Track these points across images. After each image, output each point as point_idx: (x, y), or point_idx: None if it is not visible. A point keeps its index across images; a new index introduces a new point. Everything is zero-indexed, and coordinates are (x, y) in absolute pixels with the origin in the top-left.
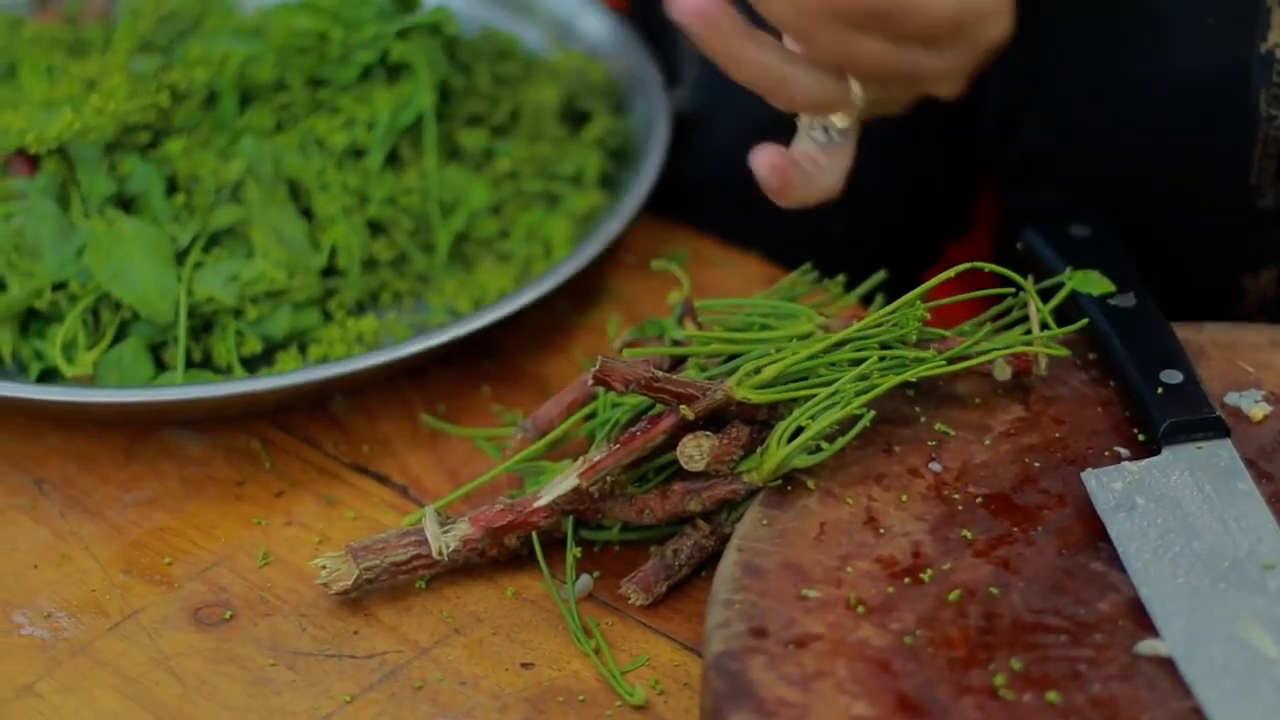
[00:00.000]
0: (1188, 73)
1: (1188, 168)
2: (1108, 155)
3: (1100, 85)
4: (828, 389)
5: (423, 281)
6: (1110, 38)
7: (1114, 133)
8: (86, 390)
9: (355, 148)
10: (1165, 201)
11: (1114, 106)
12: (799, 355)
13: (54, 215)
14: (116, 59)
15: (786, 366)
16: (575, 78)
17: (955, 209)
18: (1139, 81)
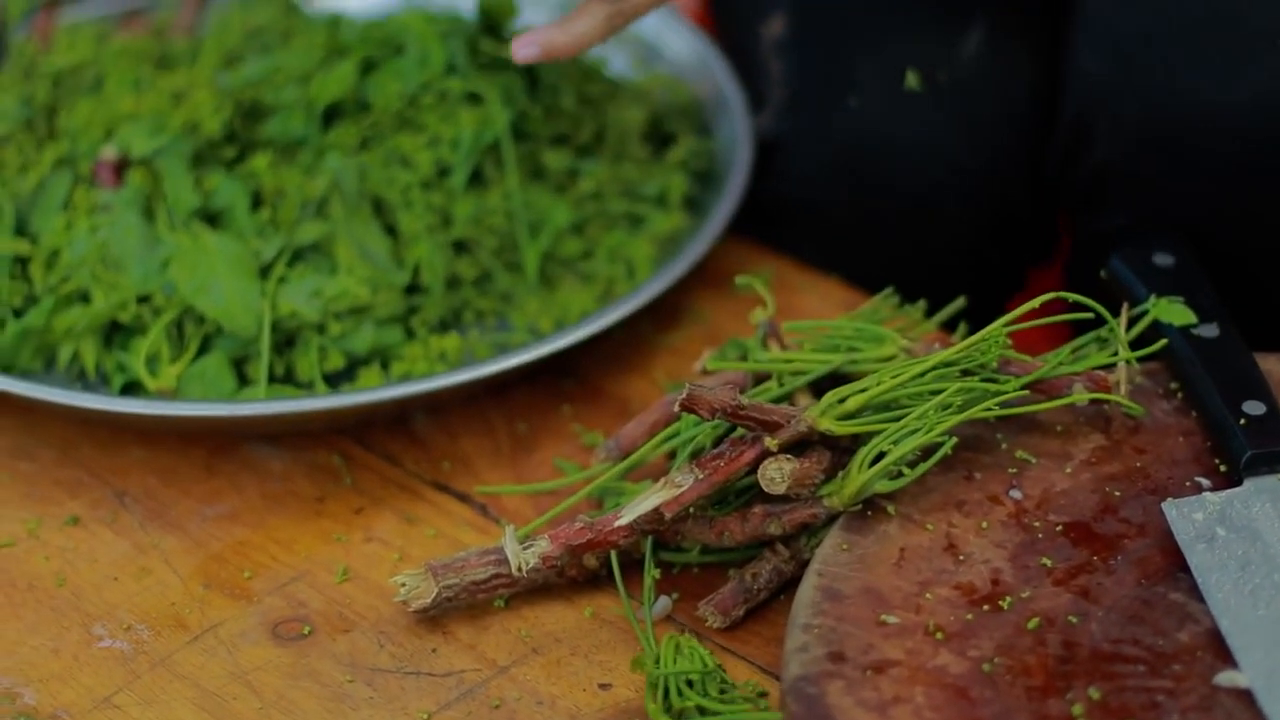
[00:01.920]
0: (1265, 90)
1: (1263, 188)
2: (1181, 177)
3: (1174, 104)
4: (910, 416)
5: (505, 300)
6: (1183, 55)
7: (1188, 153)
8: (169, 403)
9: (440, 166)
10: (1241, 224)
11: (1188, 126)
12: (882, 386)
13: (139, 228)
14: (203, 73)
15: (871, 397)
16: (660, 99)
17: (1039, 235)
18: (1213, 100)
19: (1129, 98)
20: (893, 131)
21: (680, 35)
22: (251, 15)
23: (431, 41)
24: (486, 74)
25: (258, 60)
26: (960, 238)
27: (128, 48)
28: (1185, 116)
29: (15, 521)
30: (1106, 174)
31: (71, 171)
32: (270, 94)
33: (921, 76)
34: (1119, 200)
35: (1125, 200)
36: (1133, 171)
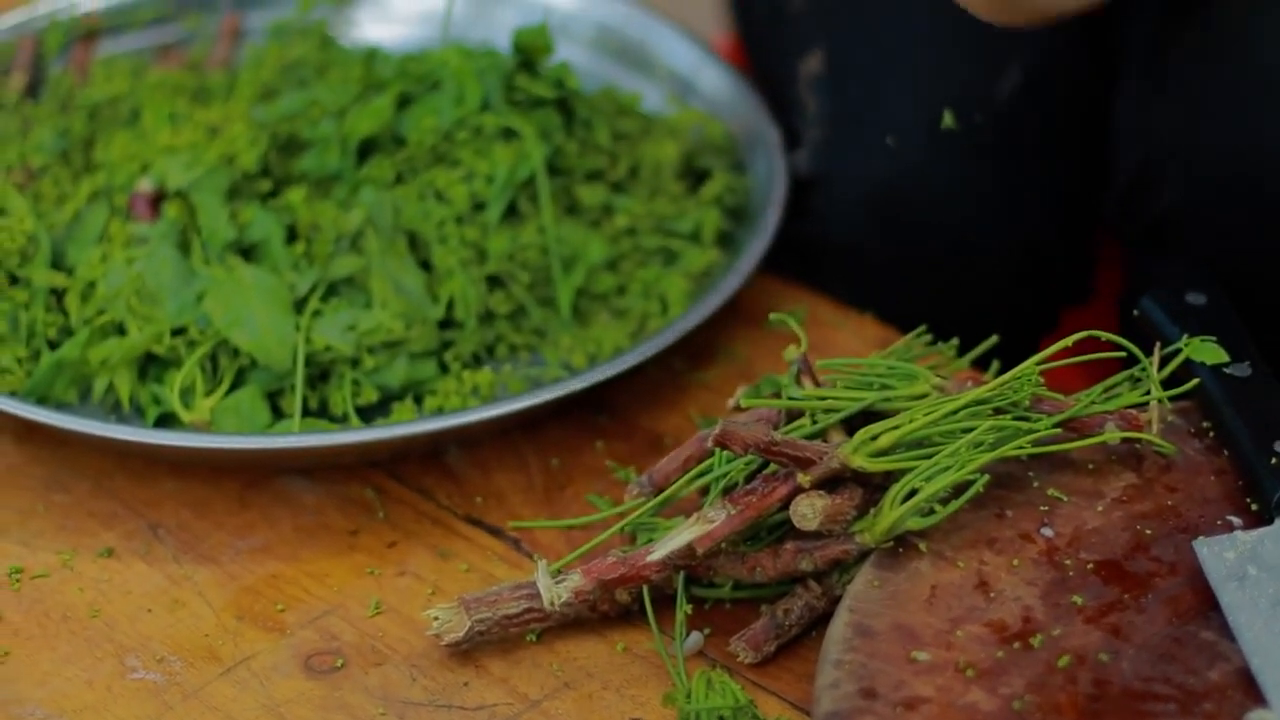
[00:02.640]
0: None
1: None
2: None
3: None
4: (942, 453)
5: (539, 335)
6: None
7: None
8: (203, 436)
9: (475, 201)
10: None
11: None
12: (915, 424)
13: (174, 261)
14: (238, 107)
15: (903, 435)
16: (695, 135)
17: (1074, 276)
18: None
19: (1201, 146)
20: (928, 171)
21: (715, 72)
22: (287, 49)
23: (467, 77)
24: (522, 110)
25: (293, 94)
26: (994, 277)
27: (164, 81)
28: (1258, 164)
29: (50, 553)
30: (1174, 220)
31: (107, 204)
32: (306, 128)
33: (958, 116)
34: (1185, 245)
35: (1191, 245)
36: (1203, 218)
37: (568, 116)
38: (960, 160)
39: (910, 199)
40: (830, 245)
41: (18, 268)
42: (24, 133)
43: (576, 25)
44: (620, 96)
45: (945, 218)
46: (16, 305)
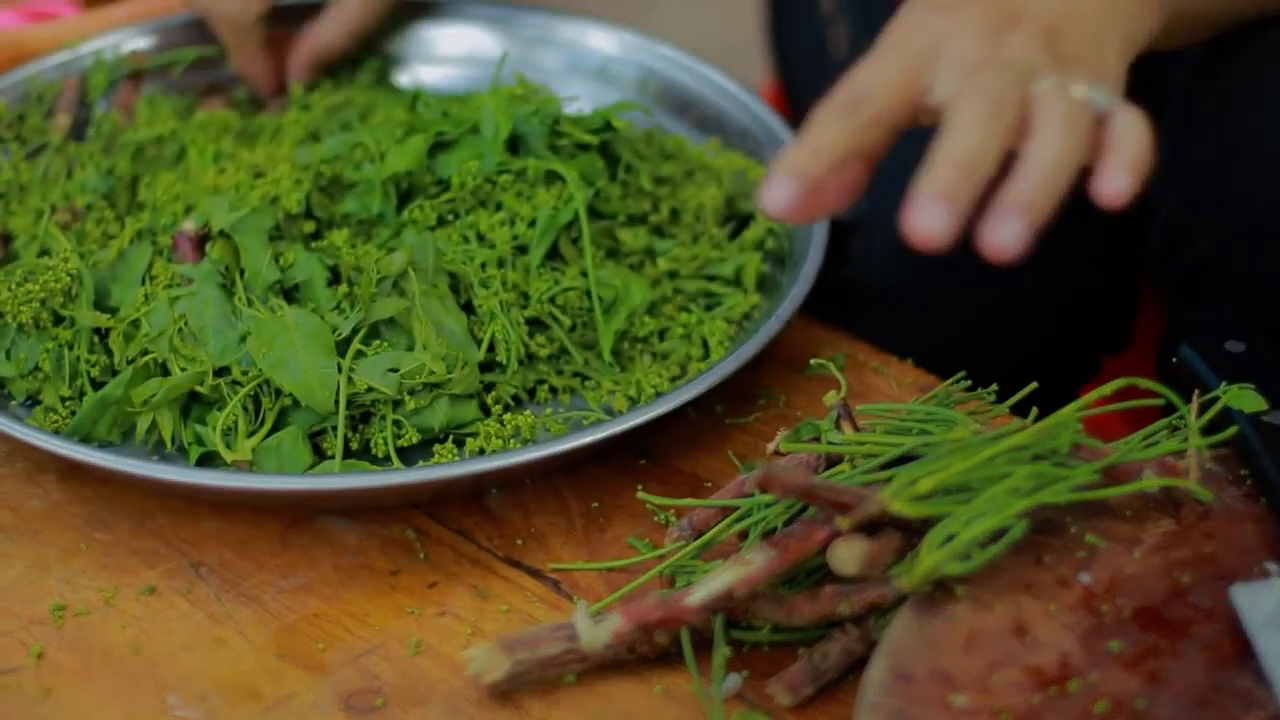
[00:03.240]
0: None
1: None
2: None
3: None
4: (981, 498)
5: (580, 378)
6: None
7: None
8: (245, 476)
9: (517, 243)
10: None
11: None
12: (954, 469)
13: (218, 301)
14: (283, 149)
15: (942, 480)
16: (737, 180)
17: (1115, 323)
18: None
19: (1233, 195)
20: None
21: (757, 116)
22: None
23: (505, 121)
24: (565, 154)
25: (337, 136)
26: (1034, 323)
27: (209, 121)
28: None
29: (92, 590)
30: (1210, 267)
31: (151, 244)
32: (349, 170)
33: None
34: (1222, 292)
35: (1228, 292)
36: (1239, 265)
37: (610, 160)
38: None
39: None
40: (870, 289)
41: (62, 307)
42: (69, 172)
43: (621, 69)
44: (663, 140)
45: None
46: (60, 344)
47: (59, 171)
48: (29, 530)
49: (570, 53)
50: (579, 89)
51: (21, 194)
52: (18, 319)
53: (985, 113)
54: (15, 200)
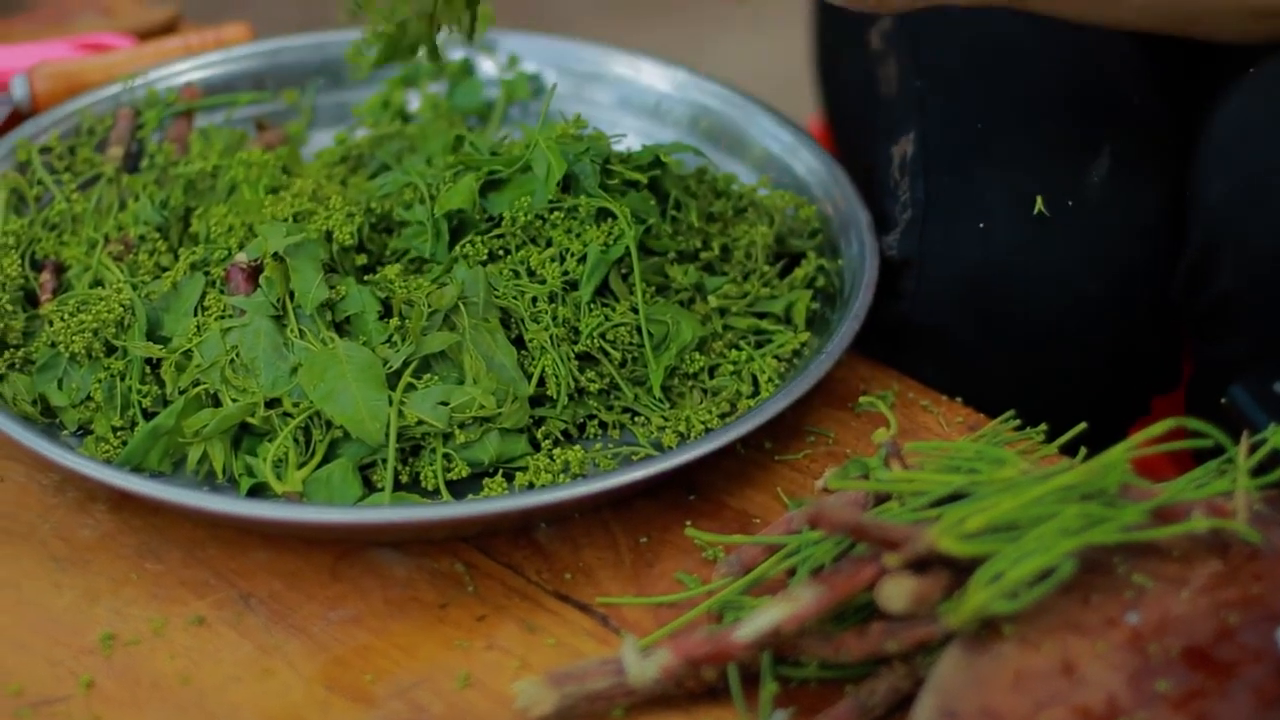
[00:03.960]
0: None
1: None
2: None
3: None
4: (1030, 538)
5: (630, 414)
6: None
7: None
8: (295, 508)
9: (567, 279)
10: None
11: None
12: (1003, 508)
13: (270, 333)
14: (333, 185)
15: (991, 518)
16: (788, 217)
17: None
18: None
19: (1256, 227)
20: (1018, 256)
21: (809, 154)
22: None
23: (559, 163)
24: (616, 191)
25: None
26: (1083, 363)
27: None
28: None
29: (141, 620)
30: (1231, 302)
31: (204, 275)
32: (399, 208)
33: (1049, 201)
34: (1243, 328)
35: (1250, 328)
36: (1258, 300)
37: (661, 197)
38: (1051, 246)
39: (1000, 283)
40: (920, 328)
41: (114, 337)
42: (121, 204)
43: (673, 106)
44: (714, 178)
45: (1035, 302)
46: (112, 374)
47: (112, 203)
48: (79, 560)
49: (623, 89)
50: (631, 125)
51: (74, 225)
52: (70, 349)
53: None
54: (68, 231)
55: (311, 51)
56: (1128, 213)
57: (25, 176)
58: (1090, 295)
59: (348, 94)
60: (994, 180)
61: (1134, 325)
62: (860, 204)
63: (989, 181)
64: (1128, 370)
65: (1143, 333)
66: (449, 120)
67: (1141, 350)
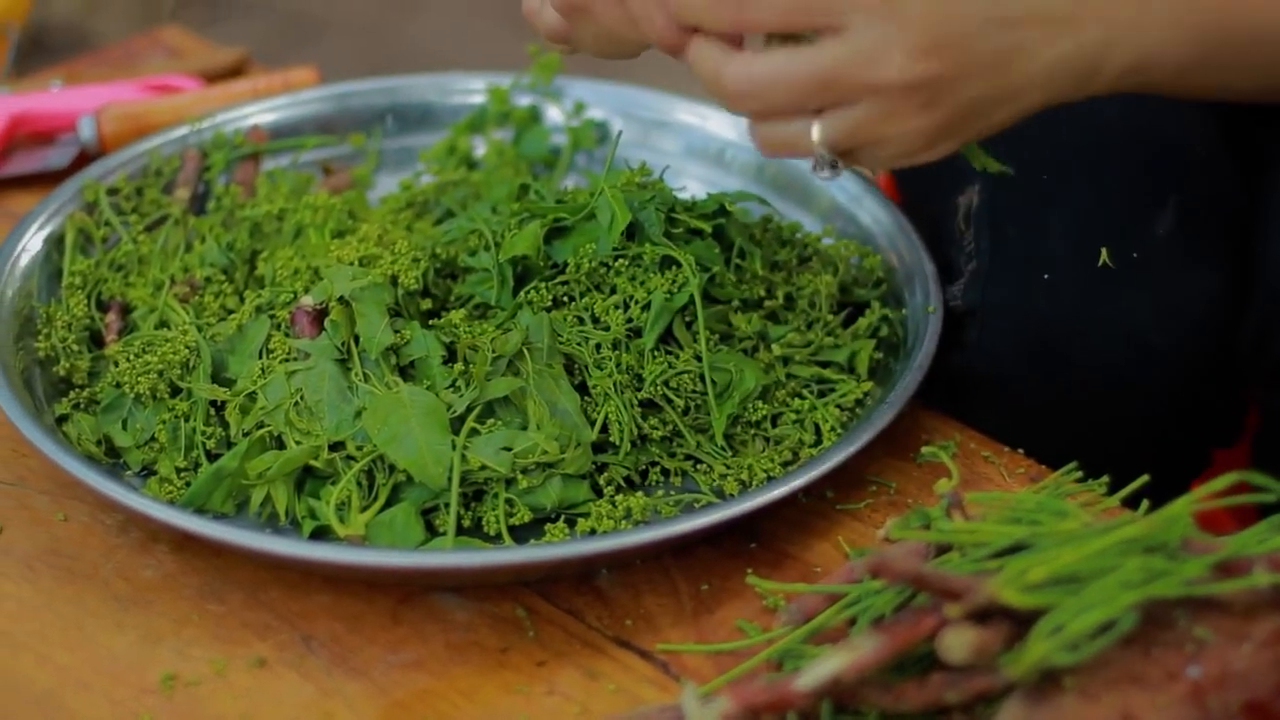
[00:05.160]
0: None
1: None
2: None
3: None
4: (1091, 590)
5: (692, 461)
6: None
7: None
8: (358, 551)
9: (631, 326)
10: None
11: None
12: (1065, 560)
13: (334, 376)
14: (398, 230)
15: (1053, 570)
16: (852, 266)
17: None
18: None
19: None
20: (1083, 308)
21: (874, 203)
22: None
23: (623, 213)
24: (680, 239)
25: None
26: (1147, 415)
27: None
28: None
29: (203, 662)
30: None
31: (269, 318)
32: (464, 254)
33: (1114, 253)
34: None
35: None
36: None
37: (725, 245)
38: (1115, 298)
39: (1064, 335)
40: (983, 378)
41: (179, 379)
42: (188, 246)
43: (738, 153)
44: (779, 226)
45: (1098, 354)
46: (177, 416)
47: (178, 244)
48: (142, 600)
49: (689, 136)
50: (697, 172)
51: (141, 266)
52: (135, 390)
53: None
54: (134, 272)
55: (378, 96)
56: (1193, 265)
57: (93, 217)
58: (1154, 347)
59: (414, 138)
60: (1059, 231)
61: (1198, 378)
62: (925, 254)
63: (1054, 233)
64: (1191, 423)
65: (1207, 385)
66: (514, 167)
67: (1205, 403)
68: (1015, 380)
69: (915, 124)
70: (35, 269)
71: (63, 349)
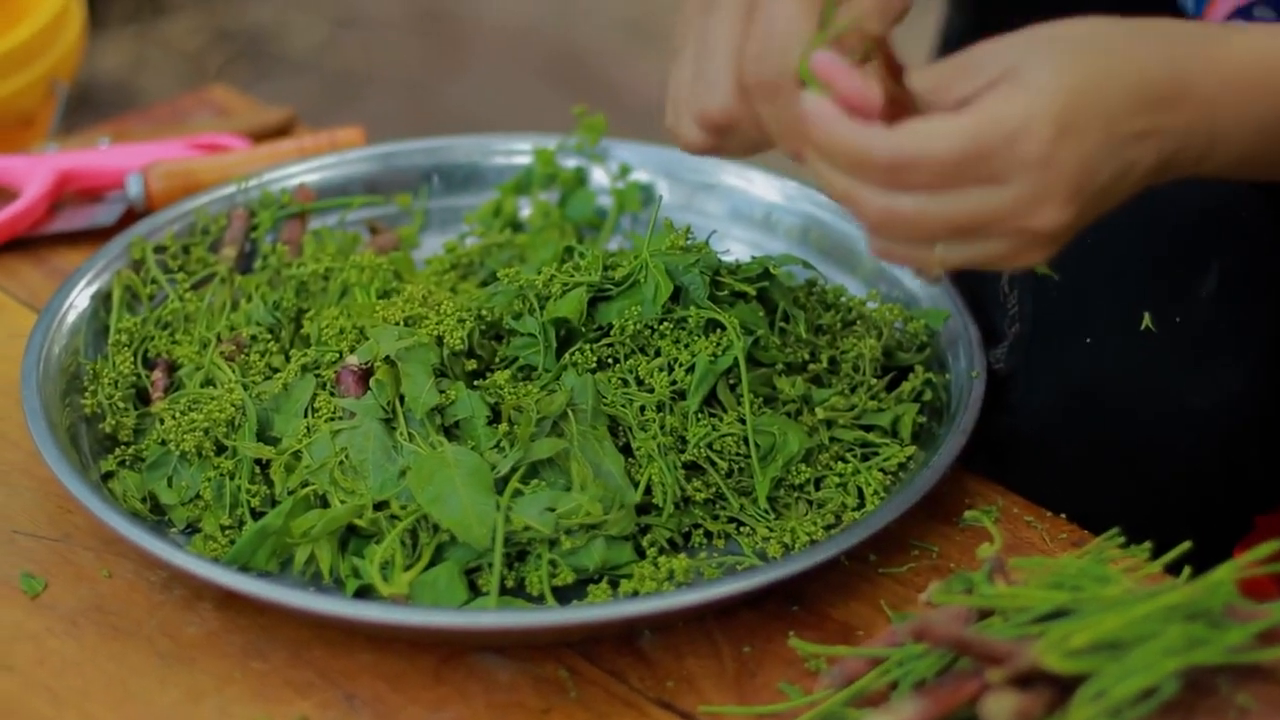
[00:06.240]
0: None
1: None
2: None
3: None
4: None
5: (735, 523)
6: None
7: None
8: (401, 610)
9: (675, 389)
10: None
11: None
12: (1108, 626)
13: (379, 436)
14: (443, 291)
15: (1095, 636)
16: (895, 331)
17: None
18: None
19: None
20: (1125, 372)
21: None
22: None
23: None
24: (725, 302)
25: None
26: (1188, 479)
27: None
28: None
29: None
30: None
31: (315, 377)
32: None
33: (1156, 317)
34: None
35: None
36: None
37: (769, 308)
38: (1157, 361)
39: (1106, 399)
40: (1025, 441)
41: (225, 437)
42: (234, 304)
43: (783, 216)
44: (823, 290)
45: (1141, 418)
46: (222, 474)
47: (225, 302)
48: (185, 657)
49: (734, 199)
50: (742, 235)
51: (187, 324)
52: (181, 447)
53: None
54: (181, 329)
55: (424, 156)
56: (1235, 329)
57: (140, 274)
58: (1196, 411)
59: (459, 199)
60: (1101, 295)
61: (1240, 442)
62: (969, 319)
63: (1096, 297)
64: (1232, 487)
65: (1249, 450)
66: (560, 229)
67: (1246, 467)
68: (1058, 443)
69: (1039, 255)
70: (82, 326)
71: (109, 406)
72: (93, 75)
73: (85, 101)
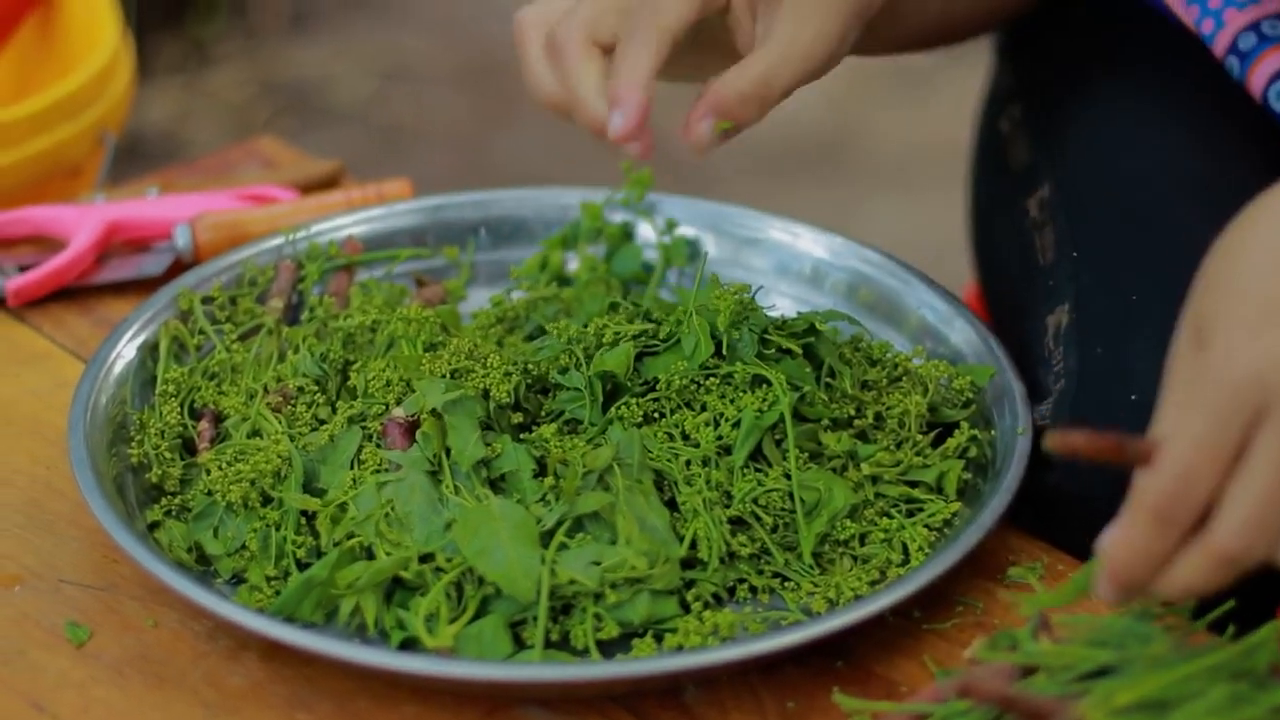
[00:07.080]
0: None
1: None
2: None
3: None
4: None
5: (780, 578)
6: None
7: None
8: (446, 662)
9: (721, 443)
10: None
11: None
12: (1152, 684)
13: (425, 488)
14: (488, 345)
15: (1140, 695)
16: (941, 387)
17: None
18: None
19: None
20: None
21: (965, 324)
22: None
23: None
24: (771, 358)
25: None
26: None
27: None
28: None
29: None
30: None
31: (361, 429)
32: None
33: None
34: None
35: None
36: None
37: (816, 364)
38: None
39: None
40: (1071, 498)
41: (271, 488)
42: (281, 355)
43: (830, 271)
44: (869, 346)
45: None
46: (268, 524)
47: (271, 354)
48: (230, 708)
49: (780, 254)
50: (788, 290)
51: (234, 375)
52: (227, 498)
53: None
54: (227, 380)
55: (472, 209)
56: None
57: (187, 325)
58: None
59: (507, 252)
60: (1147, 351)
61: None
62: (1015, 375)
63: (1142, 353)
64: None
65: None
66: (606, 284)
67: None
68: (1103, 500)
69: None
70: (129, 376)
71: (155, 456)
72: (140, 126)
73: (133, 152)
